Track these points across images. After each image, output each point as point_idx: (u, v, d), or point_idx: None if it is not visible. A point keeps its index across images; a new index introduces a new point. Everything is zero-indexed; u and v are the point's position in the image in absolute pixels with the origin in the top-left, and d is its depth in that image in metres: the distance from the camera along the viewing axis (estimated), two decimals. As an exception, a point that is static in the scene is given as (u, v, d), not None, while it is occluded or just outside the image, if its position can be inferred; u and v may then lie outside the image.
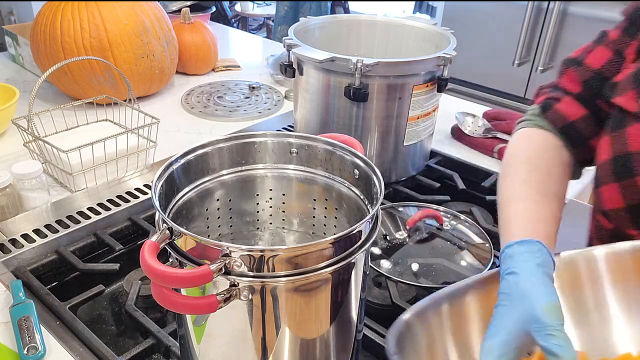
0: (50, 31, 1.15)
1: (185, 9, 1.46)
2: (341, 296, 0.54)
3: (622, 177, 0.58)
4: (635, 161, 0.57)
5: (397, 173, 1.03)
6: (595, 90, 0.64)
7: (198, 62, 1.46)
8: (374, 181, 0.57)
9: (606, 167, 0.60)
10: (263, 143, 0.64)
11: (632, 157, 0.57)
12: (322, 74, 0.94)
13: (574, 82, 0.67)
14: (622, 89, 0.58)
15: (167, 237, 0.48)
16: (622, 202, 0.59)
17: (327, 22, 1.11)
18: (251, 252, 0.47)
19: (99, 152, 0.91)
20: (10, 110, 1.08)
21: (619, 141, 0.58)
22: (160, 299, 0.46)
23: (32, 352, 0.61)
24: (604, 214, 0.63)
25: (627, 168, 0.57)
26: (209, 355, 0.56)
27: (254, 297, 0.49)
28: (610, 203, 0.61)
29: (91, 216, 0.87)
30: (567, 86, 0.67)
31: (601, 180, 0.62)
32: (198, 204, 0.62)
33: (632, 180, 0.57)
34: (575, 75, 0.66)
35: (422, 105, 0.97)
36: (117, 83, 1.19)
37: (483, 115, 1.23)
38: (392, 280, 0.75)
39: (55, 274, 0.80)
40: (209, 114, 1.25)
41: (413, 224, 0.86)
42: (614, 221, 0.61)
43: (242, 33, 2.10)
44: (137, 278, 0.79)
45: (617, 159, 0.58)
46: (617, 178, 0.59)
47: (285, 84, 1.44)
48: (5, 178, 0.83)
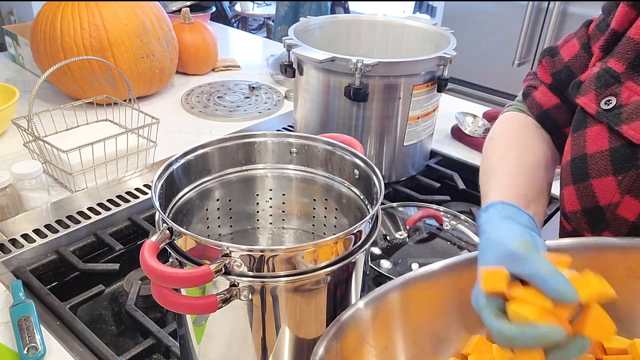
0: (50, 31, 1.15)
1: (185, 9, 1.46)
2: (341, 296, 0.54)
3: (578, 179, 0.57)
4: (590, 163, 0.55)
5: (397, 173, 1.03)
6: (564, 82, 0.64)
7: (198, 62, 1.46)
8: (374, 181, 0.57)
9: (567, 168, 0.59)
10: (263, 143, 0.64)
11: (588, 160, 0.56)
12: (322, 74, 0.94)
13: (546, 72, 0.67)
14: (584, 89, 0.57)
15: (167, 237, 0.48)
16: (578, 205, 0.58)
17: (327, 22, 1.11)
18: (251, 252, 0.47)
19: (99, 152, 0.91)
20: (10, 110, 1.08)
21: (578, 142, 0.58)
22: (160, 299, 0.46)
23: (32, 352, 0.61)
24: (564, 215, 0.62)
25: (583, 170, 0.56)
26: (209, 355, 0.56)
27: (254, 297, 0.49)
28: (569, 205, 0.60)
29: (91, 216, 0.87)
30: (542, 76, 0.68)
31: (562, 181, 0.61)
32: (198, 204, 0.62)
33: (587, 182, 0.56)
34: (547, 66, 0.67)
35: (422, 105, 0.97)
36: (117, 83, 1.19)
37: (483, 115, 1.23)
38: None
39: (55, 274, 0.80)
40: (209, 114, 1.25)
41: (413, 224, 0.86)
42: (573, 223, 0.60)
43: (242, 33, 2.10)
44: (137, 278, 0.79)
45: (575, 161, 0.58)
46: (573, 180, 0.58)
47: (285, 84, 1.44)
48: (5, 178, 0.83)
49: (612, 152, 0.54)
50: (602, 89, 0.55)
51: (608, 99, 0.54)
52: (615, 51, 0.55)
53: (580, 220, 0.59)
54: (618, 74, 0.54)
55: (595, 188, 0.55)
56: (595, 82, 0.56)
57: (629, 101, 0.52)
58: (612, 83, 0.54)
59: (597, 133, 0.55)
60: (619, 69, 0.54)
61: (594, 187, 0.56)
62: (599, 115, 0.55)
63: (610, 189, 0.54)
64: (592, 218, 0.57)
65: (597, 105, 0.55)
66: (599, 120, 0.55)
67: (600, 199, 0.55)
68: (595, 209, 0.56)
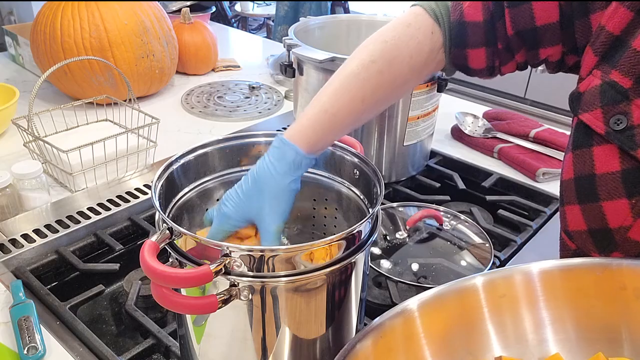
0: (50, 31, 1.15)
1: (185, 9, 1.46)
2: (341, 296, 0.54)
3: (584, 199, 0.54)
4: (599, 185, 0.52)
5: (397, 173, 1.03)
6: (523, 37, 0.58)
7: (198, 62, 1.46)
8: (374, 181, 0.57)
9: (570, 186, 0.56)
10: (263, 143, 0.64)
11: (597, 180, 0.52)
12: (322, 74, 0.94)
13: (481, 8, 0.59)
14: (588, 104, 0.53)
15: (167, 237, 0.48)
16: (584, 225, 0.55)
17: (327, 22, 1.11)
18: (251, 252, 0.47)
19: (99, 152, 0.91)
20: (10, 110, 1.08)
21: (583, 161, 0.54)
22: (160, 299, 0.46)
23: (32, 352, 0.61)
24: (567, 234, 0.59)
25: (591, 191, 0.53)
26: (209, 355, 0.56)
27: (254, 297, 0.49)
28: (573, 224, 0.57)
29: (91, 216, 0.87)
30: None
31: (565, 199, 0.58)
32: (198, 204, 0.62)
33: (596, 204, 0.53)
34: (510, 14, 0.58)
35: (422, 105, 0.97)
36: (117, 83, 1.19)
37: (483, 115, 1.23)
38: (392, 280, 0.75)
39: (55, 274, 0.80)
40: (209, 114, 1.25)
41: (413, 224, 0.86)
42: (577, 242, 0.58)
43: (242, 33, 2.10)
44: (137, 278, 0.79)
45: (581, 180, 0.54)
46: (579, 200, 0.55)
47: (285, 84, 1.44)
48: (5, 178, 0.83)
49: (625, 174, 0.51)
50: (609, 107, 0.51)
51: (617, 117, 0.50)
52: (619, 62, 0.51)
53: (585, 241, 0.56)
54: (625, 90, 0.50)
55: (605, 210, 0.53)
56: (600, 97, 0.52)
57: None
58: (619, 100, 0.50)
59: (607, 153, 0.52)
60: (625, 85, 0.50)
61: (604, 209, 0.53)
62: (609, 136, 0.51)
63: (622, 212, 0.51)
64: (599, 239, 0.55)
65: (605, 125, 0.51)
66: (608, 140, 0.51)
67: (610, 222, 0.53)
68: (604, 231, 0.54)
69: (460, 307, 0.50)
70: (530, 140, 1.12)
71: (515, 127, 1.15)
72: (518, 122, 1.17)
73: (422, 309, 0.49)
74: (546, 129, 1.14)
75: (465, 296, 0.50)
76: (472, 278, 0.50)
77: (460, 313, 0.50)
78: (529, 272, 0.51)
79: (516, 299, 0.50)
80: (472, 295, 0.49)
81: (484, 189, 1.02)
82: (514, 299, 0.50)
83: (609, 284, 0.48)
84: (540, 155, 1.08)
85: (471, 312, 0.49)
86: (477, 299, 0.49)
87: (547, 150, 1.08)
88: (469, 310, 0.49)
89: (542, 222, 0.93)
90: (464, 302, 0.50)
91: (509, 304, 0.50)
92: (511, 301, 0.50)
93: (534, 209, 0.96)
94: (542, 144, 1.11)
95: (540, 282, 0.50)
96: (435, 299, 0.50)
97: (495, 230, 0.89)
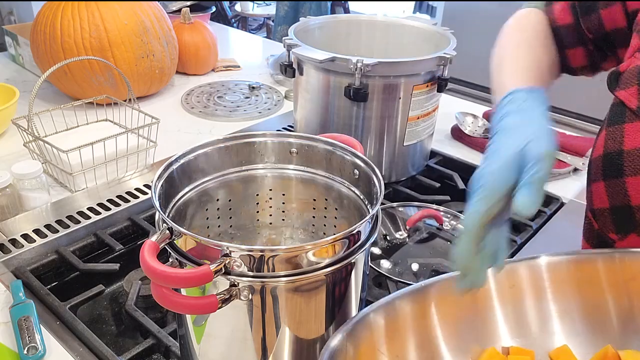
0: (50, 31, 1.15)
1: (185, 9, 1.46)
2: (341, 296, 0.54)
3: (610, 175, 0.55)
4: (626, 160, 0.53)
5: (397, 173, 1.03)
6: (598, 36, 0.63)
7: (198, 62, 1.46)
8: (374, 181, 0.57)
9: (598, 163, 0.57)
10: (263, 143, 0.64)
11: (624, 156, 0.54)
12: (322, 74, 0.94)
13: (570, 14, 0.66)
14: (625, 82, 0.55)
15: (167, 237, 0.48)
16: (607, 203, 0.56)
17: (327, 22, 1.11)
18: (251, 252, 0.47)
19: (99, 152, 0.91)
20: (10, 110, 1.08)
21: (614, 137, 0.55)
22: (160, 299, 0.46)
23: (32, 352, 0.61)
24: (592, 212, 0.60)
25: (617, 166, 0.54)
26: (209, 355, 0.56)
27: (254, 297, 0.49)
28: (597, 202, 0.58)
29: (91, 216, 0.87)
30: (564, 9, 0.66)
31: (592, 177, 0.59)
32: (198, 204, 0.62)
33: (620, 180, 0.54)
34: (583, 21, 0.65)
35: (422, 105, 0.97)
36: (117, 83, 1.19)
37: (483, 115, 1.23)
38: (392, 280, 0.75)
39: (55, 274, 0.80)
40: (209, 114, 1.25)
41: (413, 224, 0.86)
42: (599, 222, 0.59)
43: (242, 33, 2.10)
44: (137, 278, 0.79)
45: (609, 156, 0.55)
46: (604, 176, 0.56)
47: (285, 84, 1.44)
48: (5, 178, 0.83)
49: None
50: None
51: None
52: None
53: (606, 219, 0.57)
54: None
55: (628, 186, 0.54)
56: (638, 76, 0.54)
57: None
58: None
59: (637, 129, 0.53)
60: None
61: (628, 185, 0.53)
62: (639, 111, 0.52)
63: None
64: (620, 217, 0.55)
65: (638, 101, 0.53)
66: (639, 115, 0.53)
67: (632, 198, 0.53)
68: (625, 208, 0.55)
69: (472, 295, 0.50)
70: (530, 140, 1.12)
71: (515, 127, 1.15)
72: (518, 122, 1.17)
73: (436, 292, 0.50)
74: (546, 129, 1.14)
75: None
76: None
77: (472, 301, 0.50)
78: (537, 263, 0.51)
79: (525, 290, 0.51)
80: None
81: (484, 189, 1.02)
82: (523, 290, 0.51)
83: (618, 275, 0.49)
84: (540, 155, 1.07)
85: (482, 300, 0.49)
86: (488, 288, 0.49)
87: (547, 150, 1.08)
88: (480, 299, 0.49)
89: (542, 222, 0.93)
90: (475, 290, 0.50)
91: (518, 295, 0.51)
92: (520, 292, 0.51)
93: (534, 209, 0.96)
94: (542, 144, 1.10)
95: (548, 274, 0.51)
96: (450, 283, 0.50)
97: (495, 230, 0.89)
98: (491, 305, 0.51)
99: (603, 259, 0.50)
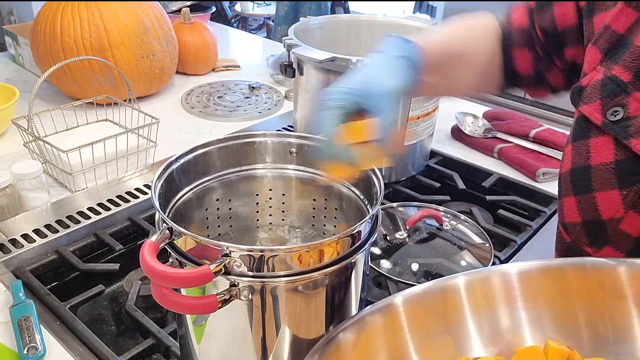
0: (50, 31, 1.15)
1: (185, 9, 1.46)
2: (341, 296, 0.54)
3: (579, 191, 0.55)
4: (594, 175, 0.53)
5: (397, 173, 1.03)
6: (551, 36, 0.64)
7: (198, 62, 1.46)
8: (373, 181, 0.57)
9: (567, 178, 0.57)
10: (263, 143, 0.64)
11: (592, 171, 0.54)
12: (322, 74, 0.94)
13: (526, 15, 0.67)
14: (588, 97, 0.55)
15: (167, 237, 0.48)
16: (578, 217, 0.56)
17: (327, 22, 1.11)
18: (251, 252, 0.47)
19: (99, 152, 0.91)
20: (10, 110, 1.08)
21: (580, 152, 0.55)
22: (160, 299, 0.46)
23: (32, 352, 0.61)
24: (563, 226, 0.60)
25: (586, 182, 0.54)
26: (209, 355, 0.56)
27: (254, 297, 0.49)
28: (568, 216, 0.58)
29: (91, 216, 0.87)
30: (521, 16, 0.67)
31: (563, 191, 0.59)
32: (198, 203, 0.62)
33: (590, 195, 0.54)
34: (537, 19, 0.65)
35: (422, 105, 0.96)
36: (117, 83, 1.19)
37: (483, 115, 1.23)
38: (392, 280, 0.75)
39: (55, 274, 0.80)
40: (209, 114, 1.25)
41: (413, 224, 0.86)
42: (572, 235, 0.59)
43: (242, 33, 2.10)
44: (137, 278, 0.79)
45: (576, 171, 0.55)
46: (575, 191, 0.56)
47: (285, 84, 1.44)
48: (5, 178, 0.83)
49: (618, 165, 0.52)
50: (608, 99, 0.53)
51: (615, 109, 0.52)
52: (620, 58, 0.53)
53: (579, 233, 0.57)
54: (625, 84, 0.52)
55: (598, 201, 0.54)
56: (600, 90, 0.54)
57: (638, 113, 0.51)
58: (618, 93, 0.52)
59: (602, 144, 0.53)
60: (625, 79, 0.52)
61: (597, 200, 0.54)
62: (605, 127, 0.53)
63: (613, 203, 0.52)
64: (592, 232, 0.55)
65: (602, 116, 0.53)
66: (605, 131, 0.53)
67: (602, 213, 0.54)
68: (597, 223, 0.55)
69: (443, 306, 0.50)
70: (530, 140, 1.12)
71: (515, 127, 1.15)
72: (518, 122, 1.17)
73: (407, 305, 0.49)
74: (546, 129, 1.14)
75: (448, 295, 0.50)
76: (455, 277, 0.51)
77: (443, 312, 0.50)
78: (508, 272, 0.51)
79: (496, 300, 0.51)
80: (454, 294, 0.50)
81: (484, 189, 1.02)
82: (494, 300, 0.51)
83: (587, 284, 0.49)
84: (540, 155, 1.08)
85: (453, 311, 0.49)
86: (459, 298, 0.49)
87: (547, 150, 1.08)
88: (452, 309, 0.49)
89: (542, 222, 0.93)
90: (446, 300, 0.50)
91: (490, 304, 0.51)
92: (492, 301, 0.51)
93: (534, 209, 0.96)
94: (542, 144, 1.11)
95: (519, 283, 0.50)
96: (420, 296, 0.50)
97: (495, 230, 0.89)
98: (463, 316, 0.50)
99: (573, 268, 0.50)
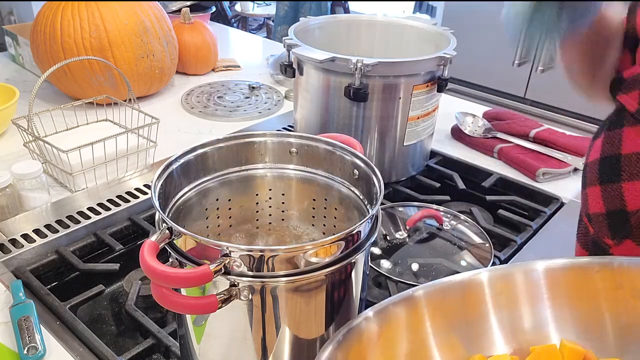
0: (50, 31, 1.15)
1: (185, 9, 1.46)
2: (341, 296, 0.54)
3: (606, 180, 0.55)
4: (623, 165, 0.53)
5: (397, 173, 1.03)
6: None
7: (198, 62, 1.46)
8: (373, 181, 0.57)
9: (594, 167, 0.57)
10: (263, 143, 0.64)
11: (622, 160, 0.53)
12: (322, 74, 0.94)
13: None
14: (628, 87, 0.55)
15: (166, 237, 0.48)
16: (602, 207, 0.56)
17: (327, 22, 1.11)
18: (251, 252, 0.47)
19: (99, 152, 0.91)
20: (10, 110, 1.08)
21: (611, 141, 0.55)
22: (160, 299, 0.46)
23: (32, 352, 0.61)
24: (587, 217, 0.60)
25: (615, 171, 0.54)
26: (209, 355, 0.56)
27: (254, 297, 0.49)
28: (592, 207, 0.57)
29: (91, 216, 0.87)
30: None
31: (588, 181, 0.59)
32: (198, 203, 0.62)
33: (617, 185, 0.54)
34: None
35: (422, 105, 0.97)
36: (117, 83, 1.19)
37: (483, 115, 1.23)
38: (392, 280, 0.75)
39: (55, 274, 0.80)
40: (209, 114, 1.25)
41: (413, 224, 0.86)
42: (595, 227, 0.58)
43: (242, 33, 2.10)
44: (137, 278, 0.79)
45: (606, 160, 0.55)
46: (601, 180, 0.55)
47: (285, 84, 1.44)
48: (5, 178, 0.83)
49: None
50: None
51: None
52: None
53: (601, 224, 0.57)
54: None
55: (624, 191, 0.53)
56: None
57: None
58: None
59: (636, 133, 0.53)
60: None
61: (624, 190, 0.53)
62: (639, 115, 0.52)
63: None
64: (615, 223, 0.55)
65: (638, 104, 0.53)
66: (638, 120, 0.53)
67: (628, 204, 0.53)
68: (621, 214, 0.54)
69: (464, 301, 0.50)
70: (530, 140, 1.12)
71: (515, 127, 1.15)
72: (518, 122, 1.17)
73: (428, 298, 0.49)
74: (546, 129, 1.14)
75: (470, 290, 0.50)
76: (478, 273, 0.51)
77: (464, 306, 0.50)
78: (533, 269, 0.51)
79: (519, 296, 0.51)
80: (476, 289, 0.50)
81: (484, 189, 1.02)
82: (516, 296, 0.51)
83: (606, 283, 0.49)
84: (540, 155, 1.08)
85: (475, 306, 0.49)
86: (482, 293, 0.49)
87: (547, 150, 1.08)
88: (473, 304, 0.49)
89: (542, 222, 0.93)
90: (468, 295, 0.50)
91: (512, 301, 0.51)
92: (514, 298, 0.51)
93: (534, 209, 0.96)
94: (542, 144, 1.11)
95: (544, 280, 0.50)
96: (442, 289, 0.50)
97: (495, 230, 0.89)
98: (485, 311, 0.50)
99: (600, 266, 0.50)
